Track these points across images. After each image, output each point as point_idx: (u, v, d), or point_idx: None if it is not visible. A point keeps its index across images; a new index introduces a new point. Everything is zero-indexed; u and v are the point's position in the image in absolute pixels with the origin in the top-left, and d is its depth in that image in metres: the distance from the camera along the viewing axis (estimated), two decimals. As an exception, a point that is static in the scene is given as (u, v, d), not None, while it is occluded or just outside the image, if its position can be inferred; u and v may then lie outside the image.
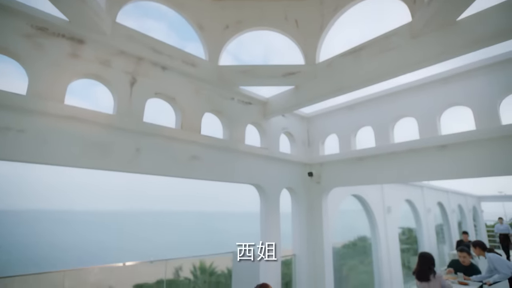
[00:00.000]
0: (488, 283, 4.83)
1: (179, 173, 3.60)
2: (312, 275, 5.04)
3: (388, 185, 7.60)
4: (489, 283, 4.81)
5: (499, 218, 12.14)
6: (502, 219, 12.03)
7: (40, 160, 2.68)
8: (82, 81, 3.17)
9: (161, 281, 5.89)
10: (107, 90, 3.28)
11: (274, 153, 4.73)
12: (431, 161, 4.01)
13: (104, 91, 3.39)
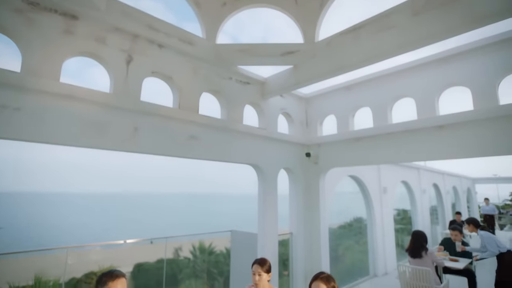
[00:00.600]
0: (475, 258, 5.02)
1: (178, 153, 3.62)
2: (308, 254, 5.19)
3: (385, 166, 7.70)
4: (476, 258, 5.00)
5: (485, 199, 12.31)
6: (488, 200, 12.15)
7: (37, 139, 2.68)
8: (78, 62, 3.13)
9: (161, 260, 6.05)
10: (104, 71, 3.23)
11: (272, 133, 4.74)
12: (428, 141, 4.04)
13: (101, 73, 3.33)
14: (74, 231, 37.27)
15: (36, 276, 7.90)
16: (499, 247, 4.31)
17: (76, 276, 8.71)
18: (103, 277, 1.93)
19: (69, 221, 48.49)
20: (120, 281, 1.95)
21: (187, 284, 12.75)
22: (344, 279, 6.31)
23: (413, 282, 4.26)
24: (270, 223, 4.61)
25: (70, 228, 40.71)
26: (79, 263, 8.33)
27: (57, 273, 3.62)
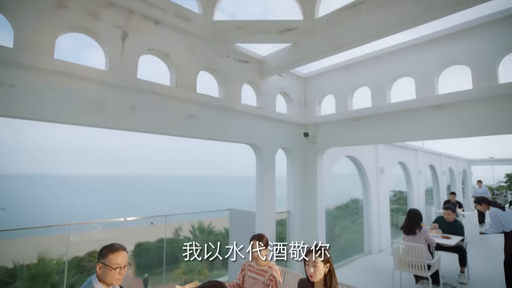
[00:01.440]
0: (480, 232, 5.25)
1: (176, 132, 3.63)
2: (305, 232, 5.32)
3: (382, 147, 7.74)
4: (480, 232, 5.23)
5: (478, 181, 11.52)
6: (481, 182, 11.41)
7: (33, 116, 2.67)
8: (73, 42, 3.08)
9: (162, 240, 6.19)
10: (100, 53, 3.17)
11: (270, 113, 4.73)
12: (426, 121, 4.05)
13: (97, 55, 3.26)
14: (75, 212, 37.85)
15: (39, 255, 8.10)
16: (504, 226, 4.36)
17: (79, 255, 8.93)
18: (104, 249, 1.98)
19: (70, 203, 49.16)
20: (121, 253, 1.98)
21: (187, 263, 13.11)
22: (339, 256, 6.51)
23: (406, 258, 4.40)
24: (268, 201, 4.70)
25: (71, 209, 41.33)
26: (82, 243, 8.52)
27: (60, 252, 3.71)
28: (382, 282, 4.86)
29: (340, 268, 5.87)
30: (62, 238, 3.64)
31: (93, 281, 1.91)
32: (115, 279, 1.93)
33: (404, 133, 4.34)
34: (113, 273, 1.91)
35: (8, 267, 7.91)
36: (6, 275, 7.58)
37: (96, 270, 1.92)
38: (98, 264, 1.92)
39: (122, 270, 1.95)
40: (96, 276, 1.93)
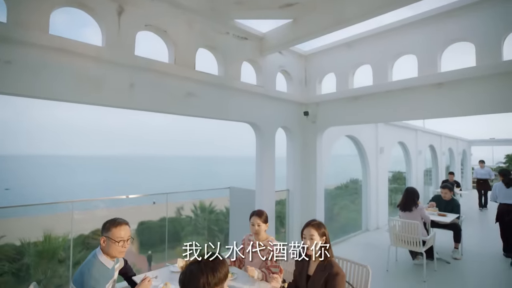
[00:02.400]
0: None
1: (175, 110, 3.62)
2: (304, 211, 5.42)
3: (383, 126, 7.72)
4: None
5: (480, 162, 10.58)
6: (483, 162, 10.49)
7: (30, 93, 2.65)
8: (69, 20, 2.98)
9: (164, 219, 6.33)
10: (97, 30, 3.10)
11: (270, 91, 4.68)
12: (427, 99, 4.02)
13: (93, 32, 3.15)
14: (78, 192, 38.42)
15: (45, 233, 8.32)
16: (497, 197, 5.40)
17: (84, 233, 9.18)
18: (107, 223, 2.03)
19: (71, 183, 49.83)
20: (123, 227, 2.04)
21: (189, 240, 13.42)
22: (337, 233, 6.68)
23: (402, 234, 4.51)
24: (268, 179, 4.76)
25: (73, 189, 41.97)
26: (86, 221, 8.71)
27: (65, 230, 3.81)
28: (378, 257, 5.01)
29: (338, 244, 6.03)
30: (66, 217, 3.73)
31: (97, 253, 1.98)
32: (118, 252, 2.00)
33: (404, 112, 4.33)
34: (116, 246, 1.97)
35: (15, 245, 8.17)
36: (14, 252, 7.85)
37: (100, 243, 1.98)
38: (102, 237, 1.98)
39: (125, 243, 2.02)
40: (101, 249, 1.99)
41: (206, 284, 1.25)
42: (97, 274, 1.88)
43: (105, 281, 1.93)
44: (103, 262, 1.96)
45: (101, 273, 1.91)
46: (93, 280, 1.83)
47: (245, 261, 2.84)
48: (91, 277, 1.83)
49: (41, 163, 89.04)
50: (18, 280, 6.88)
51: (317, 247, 2.18)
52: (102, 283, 1.88)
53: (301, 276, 2.26)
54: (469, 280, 4.34)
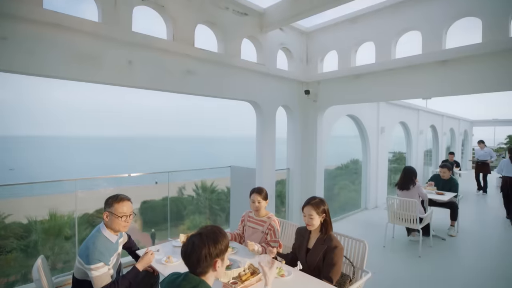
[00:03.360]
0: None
1: (174, 88, 3.58)
2: (304, 189, 5.50)
3: (384, 106, 7.66)
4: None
5: (479, 142, 9.68)
6: (483, 143, 9.60)
7: (27, 70, 2.61)
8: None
9: (167, 198, 6.44)
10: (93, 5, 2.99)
11: (271, 69, 4.61)
12: (431, 77, 3.95)
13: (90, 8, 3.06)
14: (80, 173, 38.81)
15: (50, 212, 8.50)
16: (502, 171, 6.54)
17: (88, 212, 9.39)
18: (110, 199, 2.07)
19: (73, 163, 50.27)
20: (126, 203, 2.08)
21: (191, 219, 13.76)
22: (337, 212, 6.81)
23: (400, 212, 4.60)
24: (268, 158, 4.79)
25: (75, 170, 42.41)
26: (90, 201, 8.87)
27: (70, 209, 3.89)
28: (376, 234, 5.14)
29: (337, 222, 6.17)
30: (71, 196, 3.79)
31: (101, 228, 2.03)
32: (121, 226, 2.06)
33: (407, 90, 4.27)
34: (119, 220, 2.03)
35: (22, 223, 8.39)
36: (22, 230, 8.07)
37: (104, 218, 2.03)
38: (105, 212, 2.03)
39: (127, 218, 2.07)
40: (104, 224, 2.04)
41: (208, 255, 1.29)
42: (102, 247, 1.94)
43: (110, 254, 1.99)
44: (107, 237, 2.02)
45: (106, 247, 1.97)
46: (98, 252, 1.89)
47: (245, 236, 2.91)
48: (96, 249, 1.89)
49: (41, 144, 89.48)
50: (27, 255, 7.12)
51: (317, 223, 2.23)
52: (107, 256, 1.94)
53: (301, 248, 2.33)
54: (463, 257, 4.46)
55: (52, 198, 11.01)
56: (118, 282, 1.93)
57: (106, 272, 1.91)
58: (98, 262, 1.86)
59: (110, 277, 1.94)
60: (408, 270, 3.89)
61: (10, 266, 6.60)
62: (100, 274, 1.86)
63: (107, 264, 1.92)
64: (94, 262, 1.85)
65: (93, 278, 1.85)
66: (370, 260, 2.64)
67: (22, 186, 3.45)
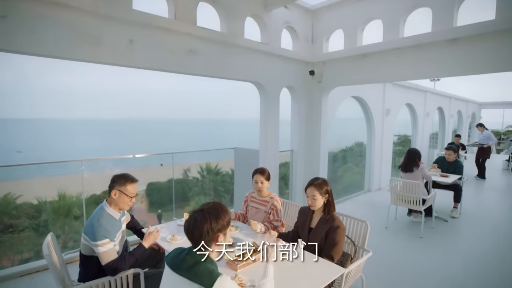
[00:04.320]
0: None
1: (176, 68, 3.53)
2: (308, 171, 5.51)
3: (391, 87, 7.51)
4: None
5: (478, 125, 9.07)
6: (483, 126, 8.94)
7: (27, 50, 2.58)
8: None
9: (171, 180, 6.52)
10: None
11: (275, 49, 4.50)
12: (440, 56, 3.83)
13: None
14: (86, 154, 39.29)
15: (59, 193, 8.71)
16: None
17: (96, 193, 9.60)
18: (121, 179, 2.12)
19: (79, 145, 50.88)
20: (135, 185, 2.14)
21: (197, 200, 14.00)
22: (340, 193, 6.86)
23: (403, 193, 4.61)
24: (272, 139, 4.78)
25: (81, 151, 42.98)
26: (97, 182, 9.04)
27: (78, 190, 3.97)
28: (378, 215, 5.18)
29: (340, 203, 6.22)
30: (78, 178, 3.87)
31: (104, 206, 2.08)
32: (127, 205, 2.13)
33: (415, 70, 4.16)
34: (127, 199, 2.09)
35: (33, 203, 8.63)
36: (33, 210, 8.32)
37: (111, 196, 2.07)
38: (114, 190, 2.07)
39: (133, 199, 2.15)
40: (108, 202, 2.09)
41: (210, 230, 1.31)
42: (107, 224, 1.99)
43: (115, 230, 2.04)
44: (110, 214, 2.07)
45: (110, 223, 2.02)
46: (103, 229, 1.94)
47: (248, 216, 2.96)
48: (101, 226, 1.94)
49: (45, 127, 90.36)
50: (38, 234, 7.38)
51: (320, 204, 2.25)
52: (112, 232, 1.99)
53: (303, 228, 2.36)
54: (465, 237, 4.51)
55: (60, 179, 11.25)
56: (125, 258, 1.99)
57: (112, 248, 1.96)
58: (104, 238, 1.92)
59: (116, 253, 1.99)
60: (409, 250, 3.94)
61: (23, 244, 6.86)
62: (106, 250, 1.92)
63: (112, 240, 1.97)
64: (100, 239, 1.90)
65: (99, 254, 1.91)
66: (372, 240, 2.68)
67: (30, 168, 3.52)
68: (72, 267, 2.22)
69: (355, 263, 2.21)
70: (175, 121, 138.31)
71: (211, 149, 5.89)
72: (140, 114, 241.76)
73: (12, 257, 6.21)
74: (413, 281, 3.15)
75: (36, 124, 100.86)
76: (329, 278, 1.85)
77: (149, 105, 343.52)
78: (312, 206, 2.27)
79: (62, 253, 2.33)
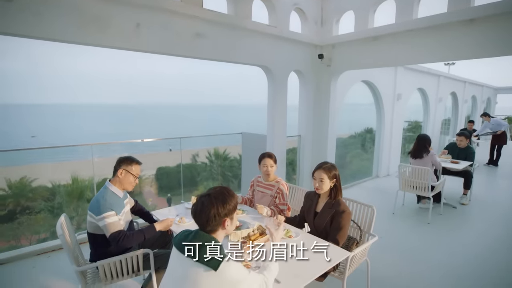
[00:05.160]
0: None
1: (183, 52, 3.49)
2: (315, 157, 5.49)
3: (402, 71, 7.29)
4: None
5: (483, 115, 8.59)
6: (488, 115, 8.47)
7: (33, 34, 2.57)
8: None
9: (180, 164, 6.61)
10: None
11: (283, 32, 4.40)
12: (457, 38, 3.66)
13: None
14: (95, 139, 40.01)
15: (72, 176, 8.98)
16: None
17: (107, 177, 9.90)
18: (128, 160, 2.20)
19: (89, 130, 51.72)
20: (139, 166, 2.23)
21: (205, 185, 14.22)
22: (348, 179, 6.84)
23: (412, 179, 4.56)
24: (279, 124, 4.75)
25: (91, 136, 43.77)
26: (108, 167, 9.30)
27: (89, 174, 4.08)
28: (386, 201, 5.17)
29: (347, 189, 6.22)
30: (89, 162, 3.97)
31: (107, 185, 2.16)
32: (131, 185, 2.23)
33: (429, 53, 4.00)
34: (131, 179, 2.20)
35: (48, 186, 8.94)
36: (48, 193, 8.63)
37: (117, 175, 2.16)
38: (121, 170, 2.15)
39: (137, 180, 2.26)
40: (111, 182, 2.17)
41: (217, 214, 1.33)
42: (112, 200, 2.07)
43: (120, 207, 2.12)
44: (114, 192, 2.15)
45: (115, 200, 2.11)
46: (108, 203, 2.03)
47: (254, 200, 2.99)
48: (106, 201, 2.03)
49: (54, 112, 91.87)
50: (53, 216, 7.66)
51: (327, 188, 2.25)
52: (117, 208, 2.07)
53: (309, 212, 2.37)
54: (473, 224, 4.45)
55: (73, 164, 11.56)
56: (134, 233, 2.06)
57: (117, 220, 2.04)
58: (109, 210, 2.00)
59: (121, 225, 2.07)
60: (416, 236, 3.94)
61: (40, 225, 7.15)
62: (112, 221, 2.00)
63: (118, 214, 2.05)
64: (105, 211, 1.99)
65: (106, 225, 1.98)
66: (379, 226, 2.69)
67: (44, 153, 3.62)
68: (86, 247, 2.31)
69: (360, 247, 2.23)
70: (182, 106, 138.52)
71: (219, 134, 5.90)
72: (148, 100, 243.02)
73: (30, 237, 6.50)
74: (418, 265, 3.17)
75: (46, 109, 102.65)
76: (334, 261, 1.87)
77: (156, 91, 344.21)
78: (319, 190, 2.27)
79: (76, 234, 2.42)
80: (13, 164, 12.07)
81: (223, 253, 1.28)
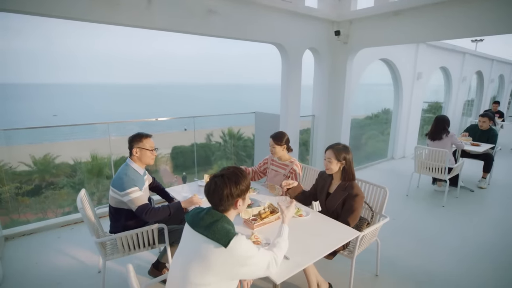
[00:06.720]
0: None
1: (195, 29, 3.43)
2: (329, 137, 5.41)
3: (424, 48, 6.91)
4: None
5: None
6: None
7: (43, 11, 2.55)
8: None
9: (194, 144, 6.70)
10: None
11: (299, 7, 4.22)
12: (487, 11, 3.37)
13: None
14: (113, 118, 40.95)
15: (92, 154, 9.35)
16: None
17: (125, 155, 10.25)
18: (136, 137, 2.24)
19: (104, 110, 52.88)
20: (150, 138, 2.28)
21: (219, 164, 14.49)
22: (362, 161, 6.76)
23: (428, 162, 4.44)
24: (293, 104, 4.67)
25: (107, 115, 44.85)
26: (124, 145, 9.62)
27: (108, 152, 4.23)
28: (400, 183, 5.10)
29: (361, 170, 6.16)
30: (107, 141, 4.10)
31: (129, 162, 2.22)
32: (150, 159, 2.27)
33: (456, 29, 3.70)
34: (148, 153, 2.24)
35: (69, 163, 9.37)
36: (70, 170, 9.06)
37: (133, 154, 2.21)
38: (134, 148, 2.20)
39: (154, 151, 2.28)
40: (131, 159, 2.22)
41: (230, 195, 1.35)
42: (134, 176, 2.14)
43: (141, 183, 2.19)
44: (135, 169, 2.22)
45: (136, 176, 2.18)
46: (131, 179, 2.10)
47: (267, 178, 3.01)
48: (129, 178, 2.10)
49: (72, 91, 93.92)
50: (75, 191, 8.07)
51: (336, 168, 2.23)
52: (139, 184, 2.15)
53: (322, 192, 2.37)
54: (490, 209, 4.32)
55: (90, 142, 11.98)
56: (160, 208, 2.14)
57: (142, 194, 2.12)
58: (133, 186, 2.08)
59: (146, 201, 2.14)
60: (429, 219, 3.89)
61: (63, 199, 7.56)
62: (138, 195, 2.08)
63: (140, 190, 2.13)
64: (130, 187, 2.07)
65: (131, 200, 2.06)
66: (392, 207, 2.67)
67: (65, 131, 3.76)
68: (105, 220, 2.42)
69: (371, 227, 2.23)
70: (195, 86, 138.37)
71: (232, 114, 5.88)
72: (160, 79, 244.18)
73: (55, 210, 6.91)
74: (428, 248, 3.15)
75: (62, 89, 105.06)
76: (344, 240, 1.89)
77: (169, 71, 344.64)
78: (327, 170, 2.27)
79: (95, 207, 2.54)
80: (36, 142, 12.64)
81: (234, 231, 1.31)
